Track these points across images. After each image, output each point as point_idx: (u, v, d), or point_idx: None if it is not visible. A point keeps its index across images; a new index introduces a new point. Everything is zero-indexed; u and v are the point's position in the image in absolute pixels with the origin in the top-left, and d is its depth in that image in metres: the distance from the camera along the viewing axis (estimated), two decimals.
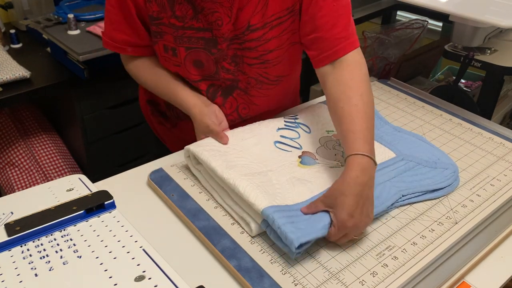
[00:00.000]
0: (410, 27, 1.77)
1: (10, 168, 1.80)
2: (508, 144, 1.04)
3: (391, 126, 1.07)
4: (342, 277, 0.71)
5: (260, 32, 0.91)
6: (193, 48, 0.92)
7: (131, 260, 0.61)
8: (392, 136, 1.02)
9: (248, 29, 0.90)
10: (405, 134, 1.04)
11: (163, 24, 0.91)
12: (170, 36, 0.92)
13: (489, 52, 1.26)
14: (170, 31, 0.91)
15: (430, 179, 0.89)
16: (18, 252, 0.63)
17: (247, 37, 0.91)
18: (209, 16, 0.89)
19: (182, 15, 0.89)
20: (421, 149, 0.98)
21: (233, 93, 1.00)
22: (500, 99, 1.42)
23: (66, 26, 1.69)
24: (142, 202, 0.87)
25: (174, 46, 0.93)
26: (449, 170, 0.92)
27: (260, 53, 0.94)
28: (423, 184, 0.87)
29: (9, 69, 1.55)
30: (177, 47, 0.93)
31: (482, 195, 0.88)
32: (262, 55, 0.94)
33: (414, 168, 0.91)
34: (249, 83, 0.99)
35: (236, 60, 0.95)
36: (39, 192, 0.76)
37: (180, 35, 0.91)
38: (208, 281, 0.69)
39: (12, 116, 1.89)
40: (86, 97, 1.69)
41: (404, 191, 0.85)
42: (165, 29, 0.92)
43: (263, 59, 0.95)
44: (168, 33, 0.92)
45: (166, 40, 0.93)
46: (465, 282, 0.73)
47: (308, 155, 0.93)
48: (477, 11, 1.06)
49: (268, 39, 0.92)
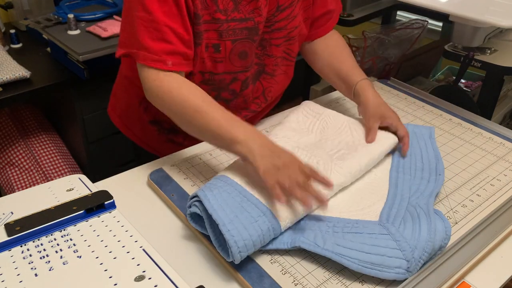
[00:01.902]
0: (410, 27, 1.77)
1: (10, 168, 1.80)
2: (508, 144, 1.04)
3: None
4: (342, 277, 0.71)
5: (288, 10, 0.96)
6: (238, 40, 0.92)
7: (131, 260, 0.61)
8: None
9: (278, 9, 0.94)
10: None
11: (205, 21, 0.88)
12: (214, 32, 0.90)
13: (489, 52, 1.26)
14: (214, 27, 0.89)
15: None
16: (18, 252, 0.63)
17: (277, 17, 0.95)
18: (249, 5, 0.90)
19: (225, 9, 0.89)
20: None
21: (260, 77, 1.04)
22: (500, 99, 1.42)
23: (66, 26, 1.70)
24: (142, 202, 0.87)
25: (217, 42, 0.91)
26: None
27: (288, 30, 0.98)
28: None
29: (9, 69, 1.55)
30: (223, 41, 0.91)
31: (482, 195, 0.88)
32: (290, 32, 0.99)
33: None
34: (276, 64, 1.03)
35: (263, 44, 0.98)
36: (39, 192, 0.76)
37: (226, 29, 0.90)
38: (208, 281, 0.69)
39: (12, 116, 1.89)
40: (86, 97, 1.69)
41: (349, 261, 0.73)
42: (208, 27, 0.89)
43: (289, 36, 1.00)
44: (211, 29, 0.89)
45: (207, 38, 0.90)
46: (465, 282, 0.73)
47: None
48: (477, 11, 1.06)
49: (294, 16, 0.98)
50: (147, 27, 0.83)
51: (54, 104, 1.89)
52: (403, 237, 0.71)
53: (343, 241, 0.72)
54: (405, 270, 0.68)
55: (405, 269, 0.68)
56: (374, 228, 0.74)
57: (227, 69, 0.95)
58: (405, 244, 0.70)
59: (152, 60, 0.84)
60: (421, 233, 0.71)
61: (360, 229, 0.74)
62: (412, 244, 0.70)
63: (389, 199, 0.83)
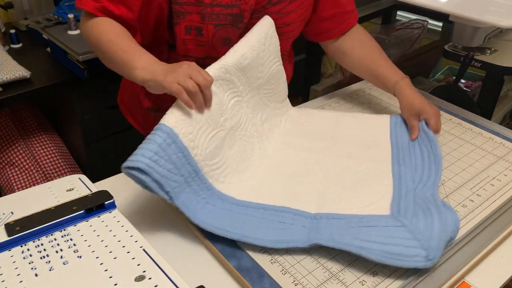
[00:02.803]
0: (410, 27, 1.77)
1: (10, 168, 1.80)
2: (508, 144, 1.04)
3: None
4: (342, 277, 0.71)
5: (280, 5, 0.96)
6: (222, 25, 0.93)
7: (131, 260, 0.61)
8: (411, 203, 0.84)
9: (269, 2, 0.95)
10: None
11: (188, 3, 0.90)
12: (196, 15, 0.91)
13: (489, 52, 1.26)
14: (197, 9, 0.90)
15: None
16: (18, 252, 0.63)
17: (268, 10, 0.96)
18: None
19: None
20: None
21: None
22: (500, 99, 1.42)
23: (66, 26, 1.69)
24: (142, 202, 0.87)
25: (200, 25, 0.92)
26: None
27: (278, 26, 0.98)
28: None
29: (9, 69, 1.55)
30: (205, 25, 0.92)
31: (482, 195, 0.88)
32: (280, 27, 0.99)
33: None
34: None
35: None
36: (39, 192, 0.76)
37: (209, 13, 0.91)
38: (208, 281, 0.69)
39: (12, 116, 1.89)
40: (86, 97, 1.69)
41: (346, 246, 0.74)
42: (190, 9, 0.90)
43: (280, 31, 1.00)
44: (194, 12, 0.90)
45: (189, 20, 0.91)
46: (465, 282, 0.73)
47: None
48: (477, 11, 1.06)
49: (287, 13, 0.98)
50: None
51: (54, 104, 1.89)
52: (417, 227, 0.72)
53: (360, 235, 0.73)
54: (424, 258, 0.69)
55: (423, 257, 0.69)
56: (387, 221, 0.75)
57: (211, 54, 0.96)
58: (419, 234, 0.71)
59: (93, 6, 0.87)
60: (434, 224, 0.73)
61: (374, 223, 0.75)
62: (426, 234, 0.71)
63: (396, 192, 0.84)
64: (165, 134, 0.74)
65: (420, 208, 0.77)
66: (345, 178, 0.89)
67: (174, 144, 0.74)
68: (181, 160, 0.75)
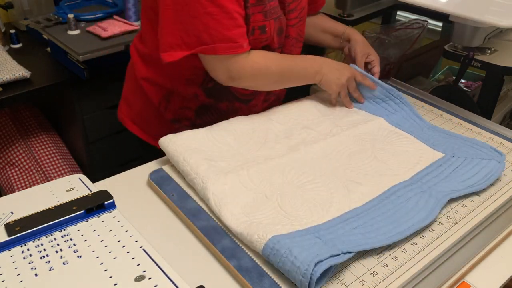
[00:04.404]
0: (410, 27, 1.77)
1: (10, 168, 1.80)
2: (508, 144, 1.04)
3: (430, 127, 1.06)
4: (342, 277, 0.71)
5: None
6: (277, 17, 0.99)
7: (131, 260, 0.61)
8: (436, 137, 1.02)
9: None
10: (443, 132, 1.04)
11: (253, 5, 0.94)
12: (260, 14, 0.95)
13: (489, 52, 1.26)
14: (259, 9, 0.95)
15: (478, 174, 0.89)
16: (18, 252, 0.63)
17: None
18: None
19: None
20: (462, 143, 0.99)
21: None
22: (500, 99, 1.42)
23: (66, 26, 1.70)
24: (142, 202, 0.87)
25: (263, 24, 0.96)
26: (493, 161, 0.92)
27: (299, 11, 1.05)
28: (471, 182, 0.88)
29: (9, 69, 1.55)
30: (267, 21, 0.96)
31: (482, 195, 0.88)
32: (300, 12, 1.06)
33: (463, 163, 0.92)
34: (292, 45, 1.09)
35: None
36: (39, 192, 0.76)
37: (269, 9, 0.96)
38: (208, 281, 0.69)
39: (12, 116, 1.89)
40: (86, 97, 1.69)
41: (455, 193, 0.84)
42: (254, 10, 0.94)
43: (300, 17, 1.07)
44: (256, 12, 0.94)
45: (253, 21, 0.95)
46: (465, 282, 0.73)
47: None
48: (477, 11, 1.06)
49: None
50: (221, 19, 0.88)
51: (54, 104, 1.89)
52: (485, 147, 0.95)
53: (458, 179, 0.87)
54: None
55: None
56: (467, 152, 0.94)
57: (268, 48, 1.01)
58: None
59: (233, 48, 0.91)
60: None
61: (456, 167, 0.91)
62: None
63: (430, 142, 0.98)
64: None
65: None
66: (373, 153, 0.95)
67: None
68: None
